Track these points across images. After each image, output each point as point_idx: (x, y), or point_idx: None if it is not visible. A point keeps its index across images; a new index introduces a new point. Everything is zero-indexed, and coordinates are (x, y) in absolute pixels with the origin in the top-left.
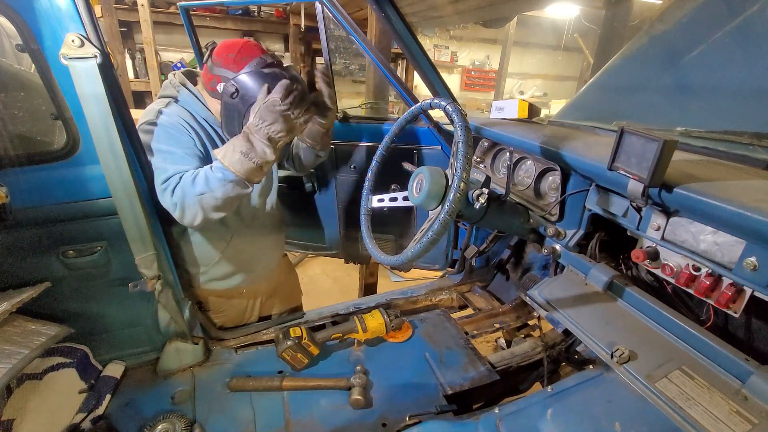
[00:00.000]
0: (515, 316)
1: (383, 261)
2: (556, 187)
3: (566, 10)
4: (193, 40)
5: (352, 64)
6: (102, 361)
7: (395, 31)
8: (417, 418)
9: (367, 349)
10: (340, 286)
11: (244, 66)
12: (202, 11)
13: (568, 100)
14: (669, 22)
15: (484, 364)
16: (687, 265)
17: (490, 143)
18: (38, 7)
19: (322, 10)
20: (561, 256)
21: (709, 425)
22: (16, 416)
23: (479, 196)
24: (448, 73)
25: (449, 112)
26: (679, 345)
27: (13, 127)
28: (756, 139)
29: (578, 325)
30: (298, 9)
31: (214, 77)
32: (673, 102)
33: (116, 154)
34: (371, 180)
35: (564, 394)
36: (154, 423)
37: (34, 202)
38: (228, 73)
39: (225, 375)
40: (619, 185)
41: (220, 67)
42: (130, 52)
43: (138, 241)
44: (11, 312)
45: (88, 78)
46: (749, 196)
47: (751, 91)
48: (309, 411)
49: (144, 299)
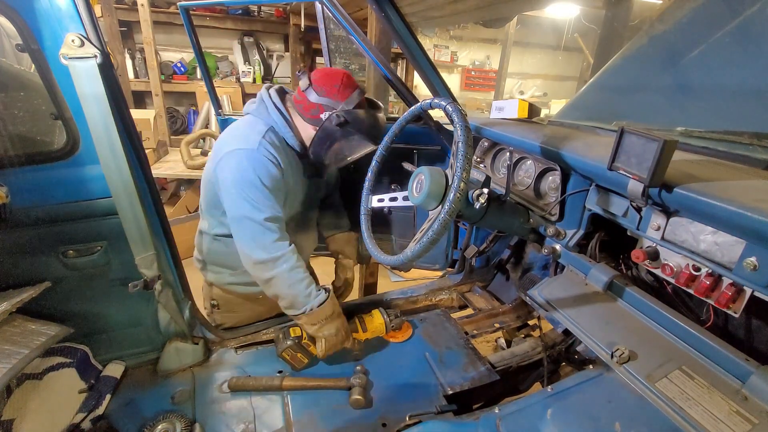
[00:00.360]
0: (515, 316)
1: (383, 261)
2: (556, 187)
3: (566, 10)
4: (193, 40)
5: (352, 64)
6: (102, 361)
7: (395, 31)
8: (417, 418)
9: (367, 349)
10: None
11: (347, 96)
12: (202, 11)
13: (568, 100)
14: (669, 22)
15: (484, 364)
16: (687, 265)
17: (490, 143)
18: (38, 7)
19: (322, 10)
20: (561, 256)
21: (709, 425)
22: (16, 416)
23: (479, 196)
24: (448, 73)
25: (449, 112)
26: (679, 345)
27: (13, 127)
28: (756, 139)
29: (578, 325)
30: (298, 9)
31: (316, 105)
32: (673, 102)
33: (116, 154)
34: (371, 180)
35: (564, 394)
36: (154, 423)
37: (34, 202)
38: (332, 102)
39: (225, 375)
40: (619, 185)
41: (324, 96)
42: (130, 52)
43: (138, 241)
44: (11, 312)
45: (88, 78)
46: (749, 196)
47: (751, 91)
48: (309, 411)
49: (144, 299)
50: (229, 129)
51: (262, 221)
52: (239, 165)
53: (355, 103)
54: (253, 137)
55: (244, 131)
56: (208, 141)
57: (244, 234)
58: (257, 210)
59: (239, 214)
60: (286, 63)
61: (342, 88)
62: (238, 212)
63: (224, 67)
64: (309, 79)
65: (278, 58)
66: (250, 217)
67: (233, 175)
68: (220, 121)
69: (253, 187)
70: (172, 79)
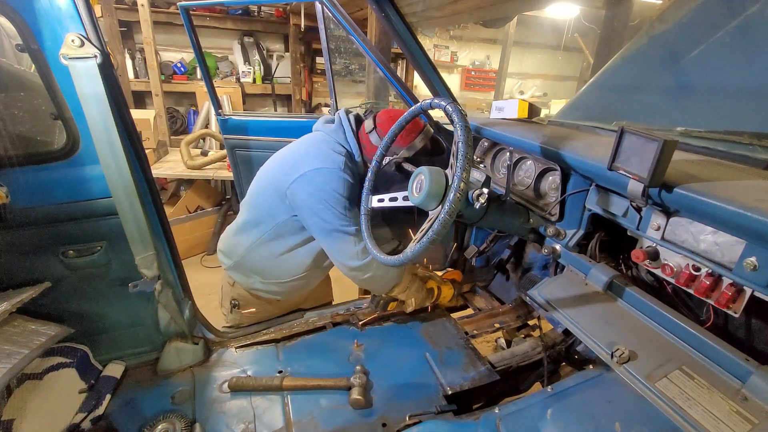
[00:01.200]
0: (515, 316)
1: (383, 261)
2: (556, 187)
3: (566, 10)
4: (193, 40)
5: (352, 64)
6: (102, 361)
7: (395, 31)
8: (417, 418)
9: (367, 349)
10: (340, 286)
11: (409, 142)
12: (202, 11)
13: (568, 100)
14: (669, 22)
15: (484, 364)
16: (687, 265)
17: (490, 143)
18: (38, 7)
19: (322, 10)
20: (561, 256)
21: (709, 425)
22: (16, 416)
23: (479, 196)
24: (448, 73)
25: (449, 112)
26: (679, 345)
27: (13, 127)
28: (756, 139)
29: (578, 325)
30: (298, 9)
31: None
32: (673, 102)
33: (116, 154)
34: (371, 180)
35: (564, 394)
36: (154, 423)
37: (34, 202)
38: (394, 147)
39: (225, 375)
40: (619, 185)
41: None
42: (130, 52)
43: (138, 241)
44: (11, 312)
45: (88, 78)
46: (749, 196)
47: (751, 91)
48: (309, 411)
49: (144, 299)
50: (305, 146)
51: (354, 233)
52: (328, 183)
53: (417, 149)
54: (336, 158)
55: (325, 151)
56: (208, 141)
57: (339, 245)
58: (348, 224)
59: (331, 228)
60: (286, 63)
61: (405, 135)
62: (330, 226)
63: (224, 67)
64: (374, 121)
65: (278, 58)
66: (342, 231)
67: (322, 193)
68: (220, 121)
69: (342, 204)
70: (172, 79)
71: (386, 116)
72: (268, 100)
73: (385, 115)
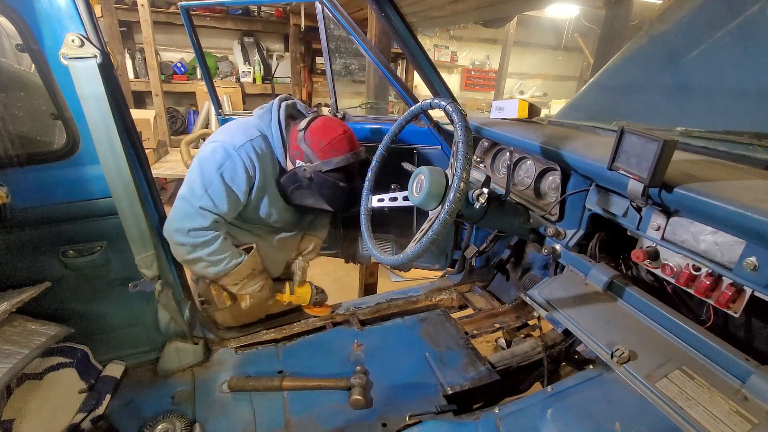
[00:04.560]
0: (515, 316)
1: (383, 261)
2: (556, 187)
3: (566, 10)
4: (194, 40)
5: (352, 64)
6: (102, 361)
7: (395, 31)
8: (417, 418)
9: (367, 349)
10: (340, 286)
11: (327, 158)
12: (202, 11)
13: (568, 100)
14: (669, 22)
15: (484, 364)
16: (687, 265)
17: (490, 143)
18: (38, 7)
19: (322, 10)
20: (561, 256)
21: (709, 425)
22: (16, 416)
23: (479, 196)
24: (448, 73)
25: (449, 112)
26: (679, 345)
27: (13, 127)
28: (756, 139)
29: (578, 325)
30: (298, 9)
31: (298, 150)
32: (673, 102)
33: (116, 154)
34: (371, 180)
35: (564, 394)
36: (154, 423)
37: (34, 202)
38: (312, 157)
39: (225, 375)
40: (619, 185)
41: (308, 146)
42: (130, 52)
43: (138, 241)
44: (11, 312)
45: (88, 78)
46: (749, 196)
47: (751, 91)
48: (309, 411)
49: (144, 299)
50: (228, 123)
51: (197, 210)
52: (213, 155)
53: (332, 167)
54: (240, 138)
55: (236, 129)
56: None
57: (177, 212)
58: (198, 199)
59: (182, 193)
60: (286, 63)
61: (327, 149)
62: (184, 190)
63: (224, 67)
64: (307, 124)
65: (278, 58)
66: (188, 201)
67: (202, 158)
68: (220, 120)
69: (211, 177)
70: (172, 79)
71: (320, 124)
72: (268, 99)
73: (319, 123)
